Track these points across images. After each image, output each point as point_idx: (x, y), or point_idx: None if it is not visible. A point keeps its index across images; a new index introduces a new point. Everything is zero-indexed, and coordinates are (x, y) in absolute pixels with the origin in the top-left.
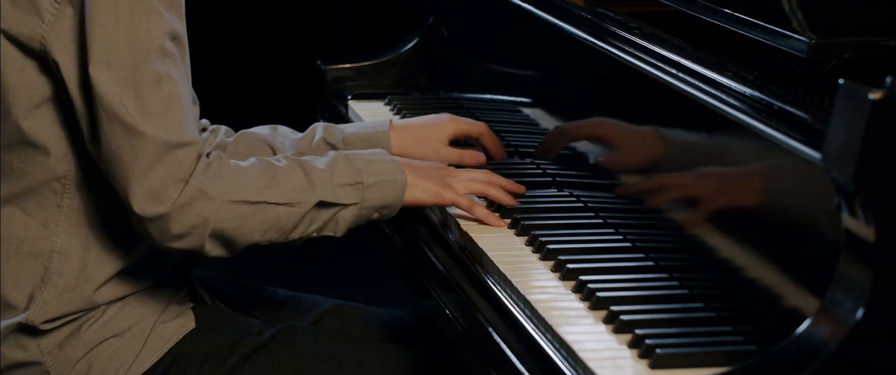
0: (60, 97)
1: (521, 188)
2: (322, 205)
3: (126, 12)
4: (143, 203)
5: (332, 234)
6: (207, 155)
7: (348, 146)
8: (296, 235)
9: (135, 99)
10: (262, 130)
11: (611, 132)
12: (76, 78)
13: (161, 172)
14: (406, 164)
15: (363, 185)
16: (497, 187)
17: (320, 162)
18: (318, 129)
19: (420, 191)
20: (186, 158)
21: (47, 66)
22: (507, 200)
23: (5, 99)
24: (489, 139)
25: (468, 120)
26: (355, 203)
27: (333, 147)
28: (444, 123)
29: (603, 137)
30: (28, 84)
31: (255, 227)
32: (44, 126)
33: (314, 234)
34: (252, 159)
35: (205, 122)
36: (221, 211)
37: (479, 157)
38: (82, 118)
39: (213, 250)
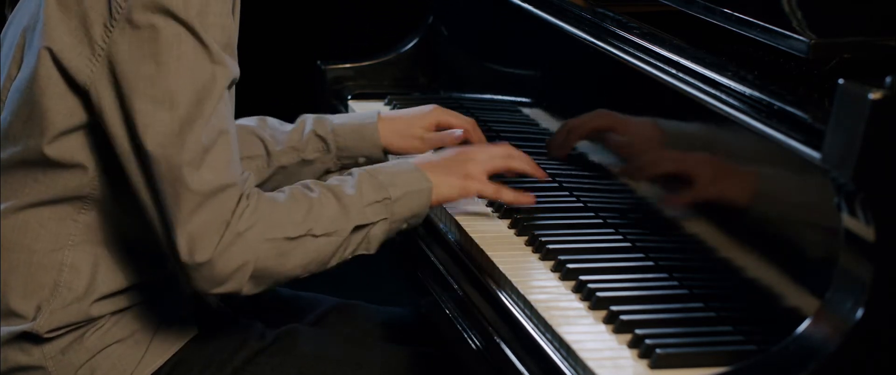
0: (96, 126)
1: (540, 171)
2: (357, 229)
3: (189, 51)
4: (185, 252)
5: (365, 252)
6: (247, 197)
7: (337, 137)
8: (334, 262)
9: (186, 141)
10: (250, 121)
11: (611, 132)
12: (120, 117)
13: (204, 216)
14: (425, 164)
15: (391, 199)
16: (519, 159)
17: (348, 185)
18: (308, 121)
19: (446, 189)
20: (228, 200)
21: (89, 99)
22: (531, 169)
23: (39, 121)
24: (475, 135)
25: (453, 112)
26: (385, 218)
27: (323, 139)
28: (427, 113)
29: (603, 136)
30: (65, 111)
31: (297, 262)
32: (75, 149)
33: (349, 256)
34: (286, 190)
35: None
36: (261, 251)
37: (457, 135)
38: (125, 157)
39: (253, 289)
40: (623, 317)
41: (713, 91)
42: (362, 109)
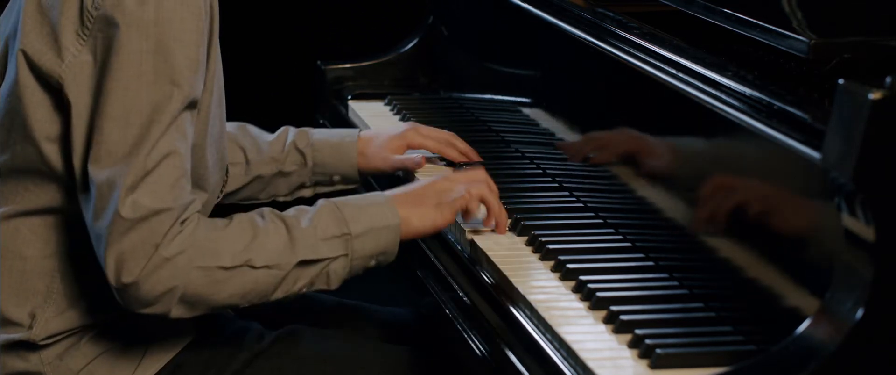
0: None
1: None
2: (304, 263)
3: (150, 71)
4: (112, 272)
5: (324, 288)
6: (182, 222)
7: (316, 152)
8: (279, 295)
9: (132, 163)
10: (229, 126)
11: (612, 133)
12: (81, 126)
13: (133, 238)
14: (398, 196)
15: (351, 235)
16: (491, 193)
17: (306, 216)
18: (290, 133)
19: (417, 221)
20: (160, 224)
21: (63, 104)
22: (497, 206)
23: (22, 128)
24: (450, 152)
25: (428, 132)
26: (345, 255)
27: (301, 153)
28: (398, 135)
29: (607, 140)
30: (42, 117)
31: (233, 291)
32: (61, 160)
33: (303, 290)
34: (235, 217)
35: None
36: (192, 277)
37: (416, 159)
38: (78, 168)
39: (185, 313)
40: (623, 317)
41: (713, 91)
42: (362, 109)
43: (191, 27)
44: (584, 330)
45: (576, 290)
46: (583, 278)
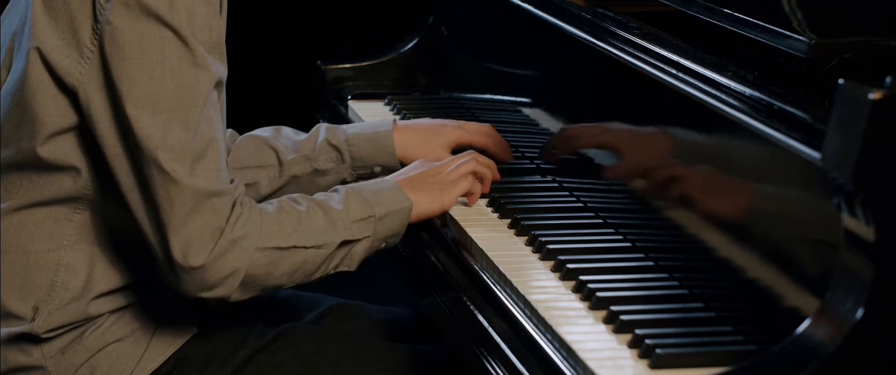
0: (86, 128)
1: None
2: (342, 244)
3: (172, 56)
4: (180, 255)
5: (346, 269)
6: (240, 204)
7: (351, 147)
8: (318, 275)
9: (176, 145)
10: (264, 131)
11: (611, 133)
12: (109, 119)
13: (198, 221)
14: (403, 181)
15: (375, 217)
16: (484, 167)
17: (335, 200)
18: (322, 130)
19: (425, 206)
20: (223, 206)
21: (78, 101)
22: (492, 176)
23: (30, 124)
24: (494, 145)
25: (474, 129)
26: (368, 236)
27: (336, 148)
28: (449, 129)
29: (604, 137)
30: (56, 112)
31: (285, 271)
32: (68, 151)
33: (331, 271)
34: (274, 202)
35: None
36: (254, 259)
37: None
38: (115, 160)
39: (241, 295)
40: (623, 317)
41: (713, 91)
42: (362, 109)
43: (203, 11)
44: (584, 330)
45: (576, 290)
46: (583, 278)
